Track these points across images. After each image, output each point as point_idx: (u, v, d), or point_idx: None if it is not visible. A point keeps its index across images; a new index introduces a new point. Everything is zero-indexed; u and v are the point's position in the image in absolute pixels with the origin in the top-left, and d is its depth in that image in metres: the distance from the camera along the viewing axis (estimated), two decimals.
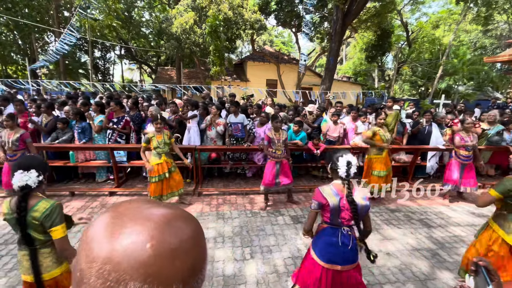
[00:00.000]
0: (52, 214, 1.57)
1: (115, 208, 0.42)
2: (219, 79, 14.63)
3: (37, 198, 1.62)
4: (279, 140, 4.02)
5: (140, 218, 0.39)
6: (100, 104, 5.05)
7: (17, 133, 3.78)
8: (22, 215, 1.54)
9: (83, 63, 24.08)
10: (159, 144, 3.83)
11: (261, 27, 13.81)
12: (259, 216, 4.02)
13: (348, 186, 1.82)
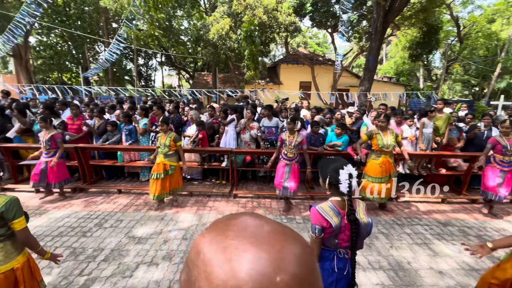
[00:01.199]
0: (13, 207, 1.67)
1: (227, 226, 0.39)
2: (253, 83, 14.79)
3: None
4: (291, 142, 3.92)
5: (262, 243, 0.35)
6: (144, 109, 5.39)
7: (50, 133, 4.19)
8: None
9: (129, 70, 26.19)
10: (160, 144, 4.01)
11: (295, 29, 13.68)
12: (295, 222, 3.91)
13: (350, 202, 1.53)
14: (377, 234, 3.65)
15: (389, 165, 4.00)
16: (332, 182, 1.57)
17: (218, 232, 0.38)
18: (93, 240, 3.34)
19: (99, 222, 3.80)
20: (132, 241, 3.33)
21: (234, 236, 0.36)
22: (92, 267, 2.85)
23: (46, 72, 21.70)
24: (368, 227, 1.61)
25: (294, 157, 3.95)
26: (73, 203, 4.40)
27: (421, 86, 22.96)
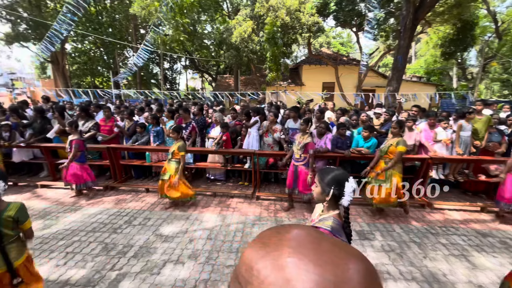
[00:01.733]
0: (23, 211, 2.01)
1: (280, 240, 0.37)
2: (274, 85, 14.75)
3: (4, 202, 1.99)
4: (300, 143, 3.92)
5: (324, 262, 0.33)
6: (171, 111, 5.58)
7: (72, 137, 4.42)
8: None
9: (155, 74, 27.30)
10: (170, 151, 4.20)
11: (318, 30, 13.46)
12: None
13: (347, 215, 1.48)
14: (408, 242, 3.46)
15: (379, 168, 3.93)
16: (336, 194, 1.48)
17: (272, 248, 0.36)
18: (123, 237, 3.48)
19: (128, 219, 3.97)
20: (159, 239, 3.44)
21: (292, 253, 0.34)
22: (123, 263, 2.97)
23: (80, 77, 23.28)
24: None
25: (300, 159, 3.94)
26: (105, 201, 4.64)
27: (454, 86, 21.54)
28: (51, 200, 4.64)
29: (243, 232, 3.60)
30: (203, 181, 5.70)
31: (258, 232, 3.55)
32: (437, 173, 4.70)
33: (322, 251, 0.35)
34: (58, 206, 4.40)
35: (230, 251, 3.19)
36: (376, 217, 4.08)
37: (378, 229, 3.76)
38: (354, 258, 0.34)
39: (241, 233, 3.58)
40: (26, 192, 4.97)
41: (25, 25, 15.40)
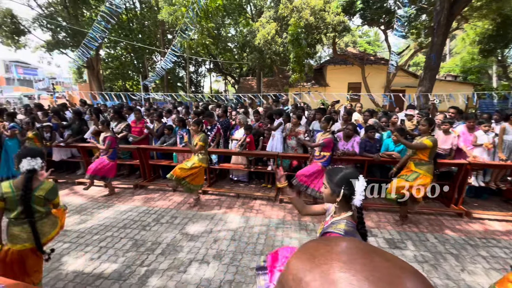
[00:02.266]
0: (54, 190, 2.20)
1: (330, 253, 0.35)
2: (297, 86, 14.58)
3: (38, 180, 2.12)
4: (319, 141, 3.97)
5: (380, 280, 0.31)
6: (197, 113, 5.73)
7: (105, 134, 4.70)
8: (26, 192, 2.01)
9: (181, 77, 28.25)
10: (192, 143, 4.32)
11: (344, 29, 13.11)
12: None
13: (361, 215, 1.43)
14: (444, 254, 3.22)
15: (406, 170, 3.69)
16: (346, 194, 1.41)
17: (321, 260, 0.34)
18: (152, 234, 3.62)
19: (156, 217, 4.12)
20: (185, 238, 3.53)
21: (344, 268, 0.32)
22: (151, 259, 3.08)
23: (112, 81, 24.73)
24: None
25: (319, 156, 3.95)
26: (135, 198, 4.86)
27: (494, 85, 19.86)
28: (86, 197, 4.96)
29: (267, 235, 3.58)
30: (227, 181, 5.76)
31: (282, 235, 3.53)
32: (477, 179, 4.34)
33: (375, 266, 0.32)
34: (93, 203, 4.69)
35: (254, 253, 3.18)
36: (407, 225, 3.86)
37: (410, 238, 3.56)
38: (410, 275, 0.32)
39: (264, 236, 3.56)
40: (65, 189, 5.36)
41: (64, 33, 16.69)
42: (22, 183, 2.03)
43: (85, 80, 24.49)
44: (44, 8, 16.86)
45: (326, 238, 0.40)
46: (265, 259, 1.74)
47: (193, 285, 2.67)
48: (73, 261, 3.07)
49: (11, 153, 5.65)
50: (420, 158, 3.53)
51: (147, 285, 2.67)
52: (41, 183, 2.10)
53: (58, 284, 2.70)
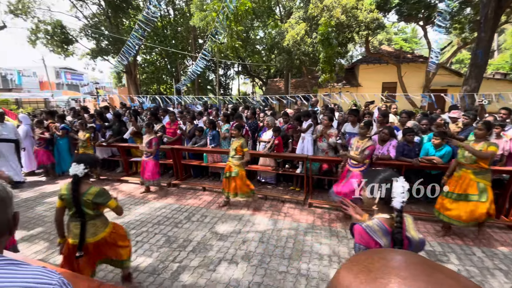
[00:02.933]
0: (102, 194, 2.21)
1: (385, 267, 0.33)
2: (327, 86, 14.20)
3: (87, 185, 2.20)
4: (358, 147, 3.65)
5: None
6: (226, 115, 5.85)
7: (150, 137, 4.89)
8: (75, 195, 2.13)
9: (210, 81, 29.08)
10: (231, 149, 4.36)
11: (378, 26, 12.51)
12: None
13: (400, 219, 1.32)
14: (492, 269, 2.91)
15: (468, 182, 3.24)
16: (385, 197, 1.38)
17: (377, 274, 0.32)
18: (183, 231, 3.76)
19: (188, 215, 4.27)
20: (214, 237, 3.60)
21: (402, 284, 0.30)
22: (183, 256, 3.20)
23: (148, 85, 26.23)
24: (421, 245, 1.42)
25: (358, 164, 3.69)
26: (168, 196, 5.09)
27: None
28: (125, 193, 5.31)
29: (295, 239, 3.53)
30: (254, 183, 5.76)
31: (312, 240, 3.44)
32: None
33: (437, 284, 0.30)
34: (130, 199, 5.01)
35: (282, 257, 3.15)
36: (450, 237, 3.54)
37: (453, 251, 3.26)
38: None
39: (293, 240, 3.51)
40: (106, 185, 5.78)
41: (106, 41, 18.09)
42: (71, 187, 2.17)
43: (124, 84, 26.30)
44: (89, 18, 18.47)
45: (377, 250, 0.38)
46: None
47: (222, 285, 2.71)
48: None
49: (62, 151, 6.26)
50: (481, 167, 3.20)
51: (179, 281, 2.77)
52: (88, 188, 2.18)
53: (100, 274, 2.91)
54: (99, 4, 18.11)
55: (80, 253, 2.20)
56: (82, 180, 2.20)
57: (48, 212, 4.47)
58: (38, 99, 21.55)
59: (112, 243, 2.40)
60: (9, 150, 5.38)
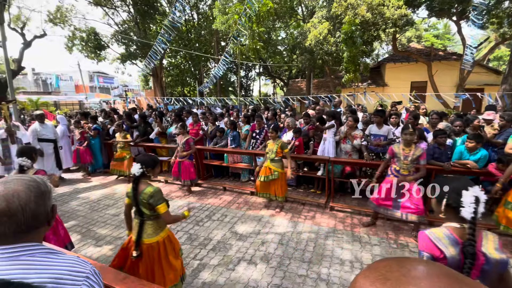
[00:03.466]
0: (155, 196, 2.11)
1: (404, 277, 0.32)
2: (351, 86, 13.80)
3: (146, 184, 2.18)
4: (407, 156, 3.28)
5: None
6: (247, 116, 5.90)
7: (185, 138, 5.00)
8: (134, 194, 2.14)
9: (232, 82, 29.50)
10: (269, 150, 4.22)
11: (406, 23, 11.94)
12: (408, 250, 3.30)
13: (472, 231, 1.22)
14: None
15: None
16: (451, 204, 1.32)
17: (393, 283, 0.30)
18: (204, 230, 3.83)
19: (208, 214, 4.35)
20: (234, 237, 3.63)
21: None
22: (203, 254, 3.26)
23: (173, 87, 27.19)
24: (502, 266, 1.24)
25: (410, 174, 3.35)
26: (190, 195, 5.22)
27: None
28: None
29: (315, 243, 3.45)
30: None
31: (333, 245, 3.35)
32: None
33: None
34: None
35: (302, 260, 3.09)
36: None
37: None
38: None
39: (313, 244, 3.44)
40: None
41: (135, 46, 19.04)
42: (132, 186, 2.18)
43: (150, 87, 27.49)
44: (119, 25, 19.57)
45: (401, 258, 0.36)
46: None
47: (241, 284, 2.72)
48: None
49: (94, 150, 6.67)
50: None
51: (199, 278, 2.82)
52: (145, 188, 2.14)
53: None
54: (129, 11, 19.12)
55: (137, 252, 2.17)
56: (140, 179, 2.20)
57: (81, 207, 4.78)
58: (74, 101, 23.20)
59: (164, 255, 2.27)
60: (48, 149, 5.83)
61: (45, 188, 0.85)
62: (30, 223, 0.79)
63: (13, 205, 0.76)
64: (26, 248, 0.78)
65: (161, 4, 19.43)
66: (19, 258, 0.76)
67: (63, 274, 0.78)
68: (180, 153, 5.06)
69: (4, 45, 7.24)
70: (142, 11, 17.96)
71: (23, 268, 0.75)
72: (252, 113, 6.46)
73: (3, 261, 0.75)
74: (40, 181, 0.86)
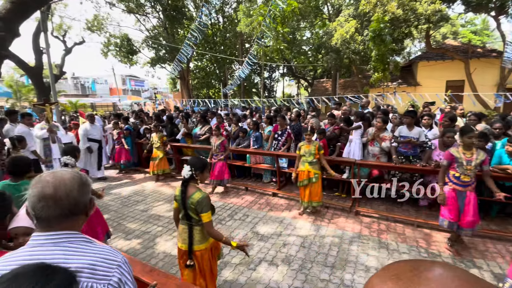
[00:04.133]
0: (202, 202, 2.01)
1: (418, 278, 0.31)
2: (379, 86, 13.22)
3: (194, 188, 2.09)
4: (469, 161, 2.94)
5: None
6: (269, 117, 5.91)
7: (220, 139, 5.09)
8: (183, 198, 2.07)
9: (255, 84, 29.68)
10: (305, 153, 4.08)
11: (441, 19, 11.19)
12: (440, 260, 3.09)
13: None
14: None
15: None
16: None
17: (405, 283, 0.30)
18: (226, 228, 3.90)
19: (230, 213, 4.42)
20: (255, 237, 3.65)
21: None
22: (225, 252, 3.30)
23: (199, 89, 28.01)
24: None
25: (470, 182, 3.01)
26: (213, 194, 5.34)
27: None
28: (175, 188, 5.73)
29: (339, 248, 3.35)
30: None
31: (358, 251, 3.24)
32: None
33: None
34: None
35: (325, 264, 3.02)
36: None
37: None
38: None
39: (337, 248, 3.34)
40: (161, 181, 6.33)
41: (164, 50, 19.89)
42: (181, 189, 2.12)
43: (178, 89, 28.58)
44: (150, 30, 20.58)
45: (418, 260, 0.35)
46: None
47: (262, 285, 2.72)
48: (164, 243, 3.59)
49: None
50: None
51: (221, 276, 2.87)
52: (194, 192, 2.06)
53: (152, 260, 3.21)
54: (159, 17, 20.04)
55: (191, 262, 2.10)
56: (189, 182, 2.12)
57: (113, 202, 5.09)
58: (108, 103, 24.82)
59: (213, 262, 2.22)
60: (94, 149, 6.21)
61: (86, 181, 0.94)
62: (72, 209, 0.87)
63: (59, 191, 0.85)
64: (66, 235, 0.86)
65: (189, 10, 20.11)
66: (61, 244, 0.84)
67: (98, 261, 0.85)
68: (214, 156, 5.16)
69: (48, 52, 7.96)
70: (171, 16, 18.73)
71: (64, 253, 0.83)
72: (275, 114, 6.45)
73: (48, 246, 0.84)
74: (82, 175, 0.96)
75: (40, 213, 0.83)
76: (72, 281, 0.62)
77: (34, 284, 0.55)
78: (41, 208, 0.83)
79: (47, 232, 0.85)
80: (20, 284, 0.55)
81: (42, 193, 0.83)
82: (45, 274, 0.58)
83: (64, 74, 14.02)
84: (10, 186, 2.33)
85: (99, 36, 18.35)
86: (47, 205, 0.83)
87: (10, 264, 0.79)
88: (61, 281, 0.59)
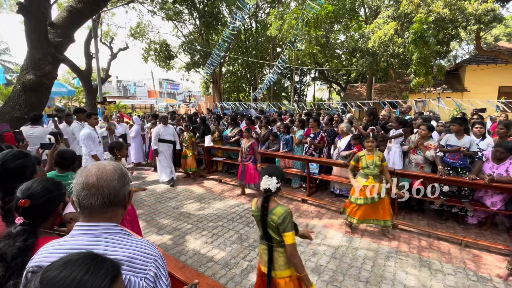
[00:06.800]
0: (285, 219, 1.71)
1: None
2: (421, 92, 12.33)
3: (275, 203, 1.80)
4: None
5: None
6: (301, 121, 5.77)
7: (249, 142, 5.09)
8: (264, 214, 1.77)
9: (285, 88, 29.51)
10: (369, 164, 3.49)
11: (493, 19, 10.14)
12: (491, 285, 2.72)
13: None
14: None
15: None
16: None
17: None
18: (254, 232, 3.85)
19: None
20: None
21: None
22: (253, 256, 3.26)
23: (229, 93, 28.62)
24: None
25: None
26: (241, 196, 5.35)
27: None
28: (206, 188, 5.87)
29: (374, 262, 3.12)
30: (327, 194, 5.46)
31: (395, 267, 3.00)
32: None
33: None
34: (210, 194, 5.49)
35: (357, 278, 2.83)
36: None
37: None
38: None
39: (371, 262, 3.11)
40: (191, 180, 6.52)
41: (198, 55, 20.69)
42: (261, 204, 1.83)
43: (210, 92, 29.48)
44: (186, 36, 21.57)
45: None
46: None
47: None
48: (193, 240, 3.65)
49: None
50: None
51: (248, 279, 2.83)
52: (275, 207, 1.77)
53: (182, 257, 3.27)
54: (195, 24, 20.94)
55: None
56: (272, 196, 1.83)
57: (147, 197, 5.34)
58: (146, 105, 26.42)
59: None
60: (168, 150, 6.02)
61: (126, 173, 0.97)
62: (112, 199, 0.90)
63: (101, 181, 0.89)
64: (107, 227, 0.89)
65: (224, 16, 20.72)
66: (101, 235, 0.87)
67: (136, 254, 0.86)
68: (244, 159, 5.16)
69: (97, 56, 8.71)
70: (207, 23, 19.45)
71: (105, 244, 0.85)
72: (307, 118, 6.30)
73: (90, 236, 0.87)
74: (123, 167, 0.99)
75: (83, 201, 0.87)
76: (118, 270, 0.63)
77: (86, 270, 0.57)
78: (85, 196, 0.87)
79: (89, 222, 0.88)
80: (72, 270, 0.56)
81: (86, 182, 0.88)
82: (94, 262, 0.60)
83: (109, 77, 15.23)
84: (58, 177, 2.44)
85: (141, 42, 19.69)
86: (90, 193, 0.87)
87: (58, 252, 0.83)
88: (109, 270, 0.61)
